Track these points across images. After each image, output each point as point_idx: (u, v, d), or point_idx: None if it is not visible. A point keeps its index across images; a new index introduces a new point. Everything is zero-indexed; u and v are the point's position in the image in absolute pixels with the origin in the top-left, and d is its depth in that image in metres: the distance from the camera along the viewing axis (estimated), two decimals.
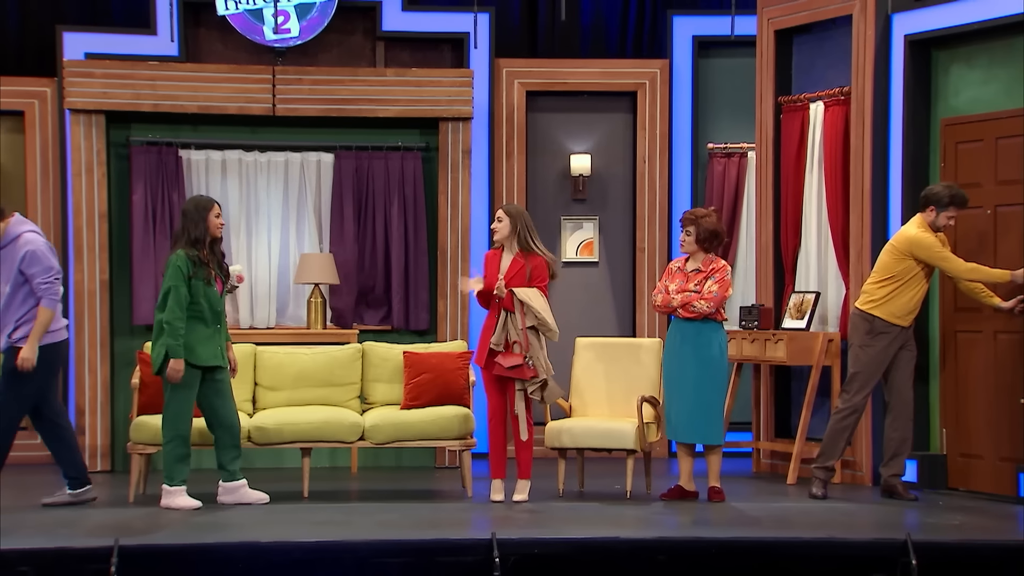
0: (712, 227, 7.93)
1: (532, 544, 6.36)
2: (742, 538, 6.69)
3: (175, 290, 7.53)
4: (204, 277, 7.61)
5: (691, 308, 7.85)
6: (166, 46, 9.94)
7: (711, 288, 7.86)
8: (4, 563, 5.98)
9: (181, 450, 7.61)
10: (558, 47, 10.71)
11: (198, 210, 7.70)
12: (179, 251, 7.61)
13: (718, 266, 7.94)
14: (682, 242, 8.02)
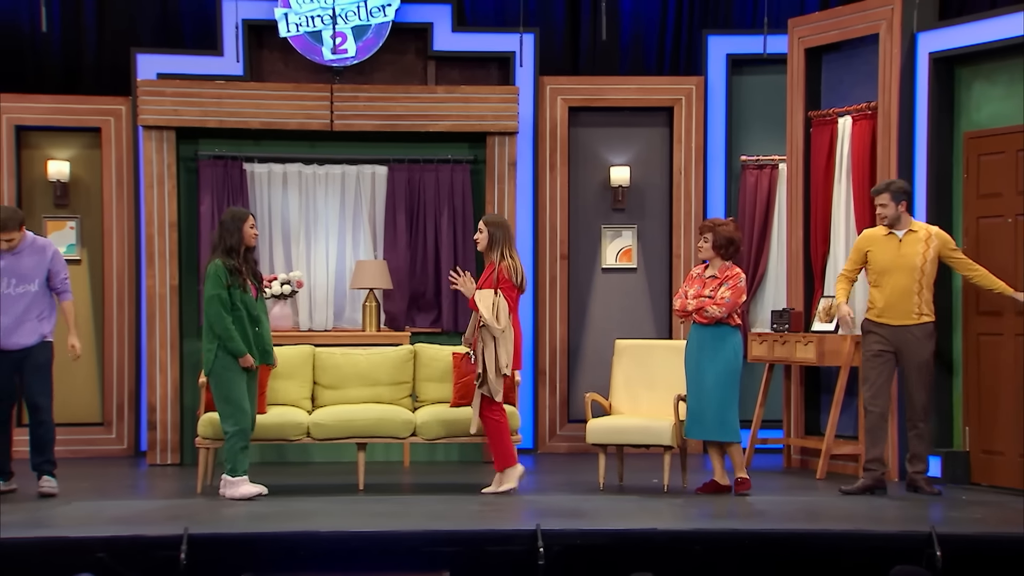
0: (729, 234, 7.88)
1: (575, 535, 6.35)
2: (774, 530, 6.65)
3: (217, 297, 7.60)
4: (240, 284, 7.67)
5: (704, 313, 7.81)
6: (232, 66, 10.02)
7: (724, 294, 7.81)
8: (83, 549, 6.03)
9: (243, 443, 7.67)
10: (599, 65, 10.70)
11: (234, 221, 7.75)
12: (216, 260, 7.68)
13: (732, 273, 7.89)
14: (699, 248, 7.98)
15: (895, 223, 7.94)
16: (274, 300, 9.81)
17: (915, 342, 7.88)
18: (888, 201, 7.90)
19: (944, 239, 7.94)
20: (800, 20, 9.58)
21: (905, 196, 7.95)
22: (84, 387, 10.01)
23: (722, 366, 7.81)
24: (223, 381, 7.63)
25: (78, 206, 10.06)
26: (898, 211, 7.91)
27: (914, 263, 7.86)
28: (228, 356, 7.62)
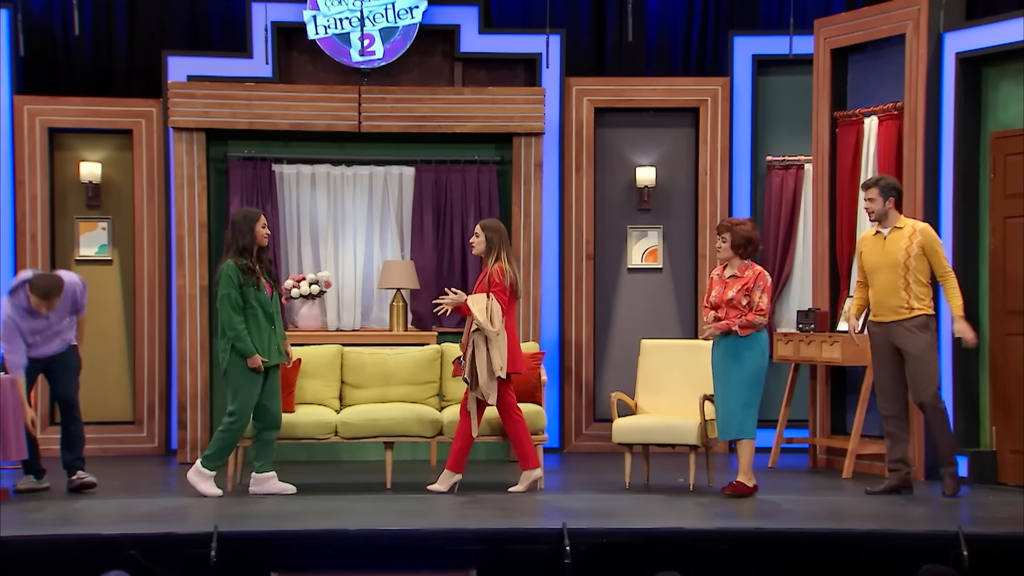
0: (747, 234, 7.81)
1: (601, 534, 6.35)
2: (800, 530, 6.64)
3: (228, 297, 7.65)
4: (253, 283, 7.71)
5: (755, 326, 7.73)
6: (261, 68, 10.07)
7: (762, 301, 7.74)
8: (115, 547, 6.08)
9: (230, 439, 7.72)
10: (625, 66, 10.69)
11: (246, 221, 7.80)
12: (228, 260, 7.73)
13: (757, 273, 7.80)
14: (718, 249, 7.91)
15: (882, 219, 7.84)
16: (302, 300, 9.85)
17: (908, 335, 7.75)
18: (876, 196, 7.82)
19: (929, 236, 7.78)
20: (826, 21, 9.55)
21: (894, 192, 7.85)
22: (115, 386, 10.08)
23: (750, 366, 7.75)
24: (235, 381, 7.71)
25: (110, 207, 10.13)
26: (885, 207, 7.81)
27: (897, 260, 7.76)
28: (242, 358, 7.67)
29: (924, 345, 7.75)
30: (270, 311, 7.79)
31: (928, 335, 7.78)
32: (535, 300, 10.02)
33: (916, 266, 7.74)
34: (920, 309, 7.75)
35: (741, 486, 7.76)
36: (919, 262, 7.74)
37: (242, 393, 7.69)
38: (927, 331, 7.78)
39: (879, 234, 7.87)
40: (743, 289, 7.76)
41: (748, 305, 7.74)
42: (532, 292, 10.02)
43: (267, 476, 7.83)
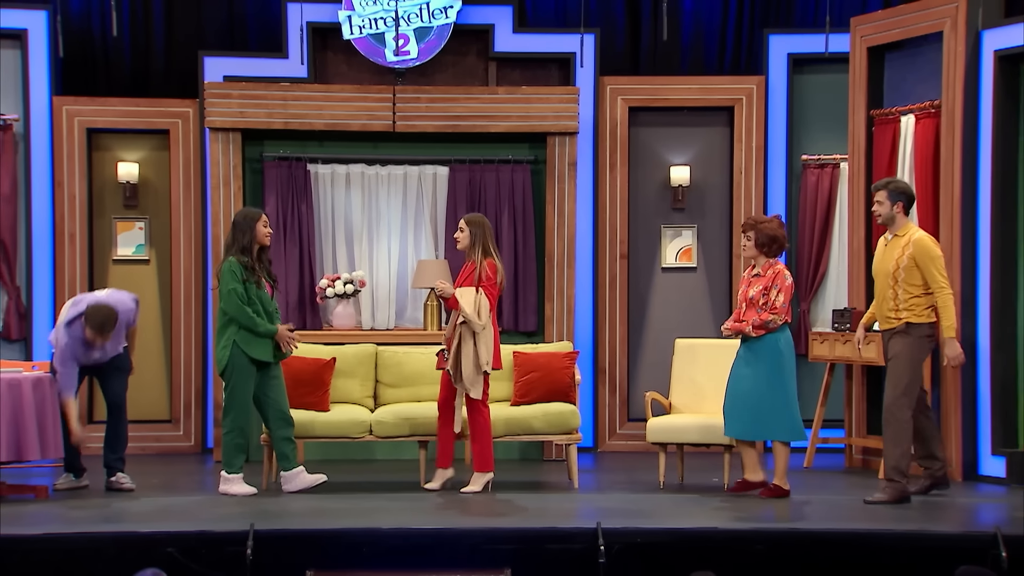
0: (772, 232, 7.75)
1: (635, 533, 6.34)
2: (836, 530, 6.61)
3: (235, 291, 7.70)
4: (255, 281, 7.76)
5: (769, 327, 7.68)
6: (296, 68, 10.10)
7: (778, 300, 7.69)
8: (152, 544, 6.13)
9: (240, 440, 7.76)
10: (659, 65, 10.66)
11: (247, 220, 7.85)
12: (231, 258, 7.78)
13: (776, 271, 7.75)
14: (743, 247, 7.87)
15: (889, 223, 7.68)
16: (337, 299, 9.88)
17: (891, 342, 7.61)
18: (884, 199, 7.66)
19: (921, 248, 7.53)
20: (862, 19, 9.48)
21: (903, 197, 7.64)
22: (152, 385, 10.15)
23: (775, 361, 7.68)
24: (233, 380, 7.75)
25: (147, 207, 10.20)
26: (892, 211, 7.63)
27: (888, 268, 7.61)
28: (241, 355, 7.71)
29: (899, 349, 7.56)
30: (270, 309, 7.86)
31: (907, 340, 7.54)
32: (569, 300, 10.01)
33: (905, 276, 7.54)
34: (906, 317, 7.56)
35: (779, 489, 7.73)
36: (908, 273, 7.53)
37: (240, 391, 7.74)
38: (907, 336, 7.55)
39: (885, 240, 7.75)
40: (763, 288, 7.73)
41: (765, 304, 7.70)
42: (566, 292, 10.01)
43: (295, 472, 7.86)
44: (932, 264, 7.51)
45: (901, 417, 7.50)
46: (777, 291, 7.70)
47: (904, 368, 7.52)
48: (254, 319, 7.71)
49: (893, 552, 6.30)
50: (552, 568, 6.23)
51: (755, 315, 7.70)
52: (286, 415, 7.88)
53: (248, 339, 7.72)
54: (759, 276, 7.80)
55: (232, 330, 7.73)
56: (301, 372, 8.30)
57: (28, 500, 7.57)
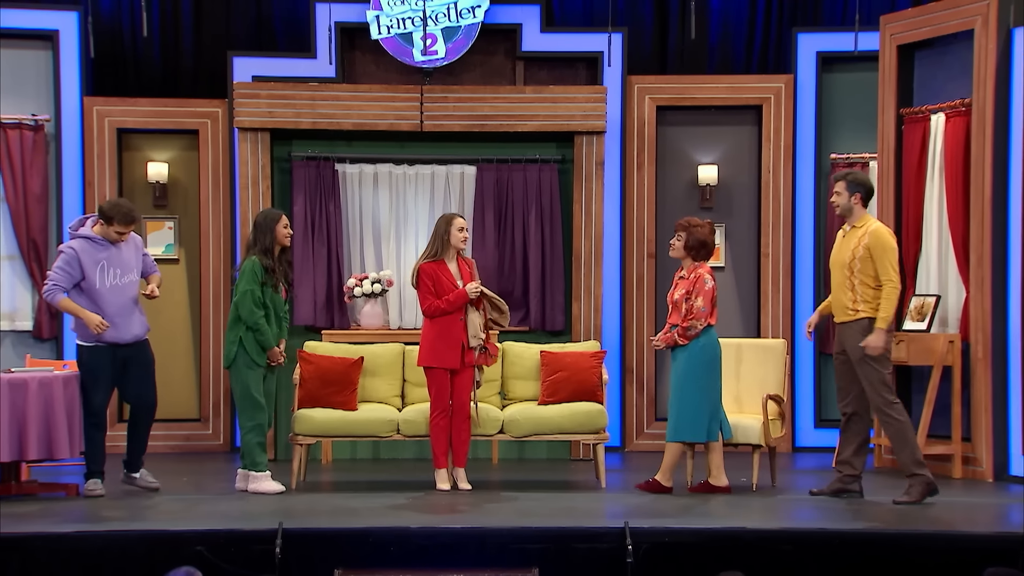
0: (702, 237, 7.82)
1: (663, 533, 6.34)
2: (864, 530, 6.57)
3: (251, 293, 7.74)
4: (272, 283, 7.81)
5: (690, 333, 7.74)
6: (324, 68, 10.14)
7: (698, 306, 7.74)
8: (182, 542, 6.16)
9: (260, 438, 7.81)
10: (687, 64, 10.64)
11: (267, 221, 7.89)
12: (253, 257, 7.82)
13: (698, 275, 7.80)
14: (671, 246, 7.92)
15: (847, 215, 7.64)
16: (365, 299, 9.91)
17: (851, 338, 7.56)
18: (843, 190, 7.62)
19: (876, 239, 7.47)
20: (892, 17, 9.43)
21: (861, 189, 7.58)
22: (181, 383, 10.20)
23: (697, 365, 7.75)
24: (242, 376, 7.79)
25: (176, 207, 10.26)
26: (850, 202, 7.58)
27: (844, 259, 7.58)
28: (247, 353, 7.76)
29: (863, 352, 7.49)
30: (280, 314, 7.91)
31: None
32: (596, 299, 10.01)
33: (861, 268, 7.50)
34: (864, 312, 7.52)
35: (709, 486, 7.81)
36: (864, 264, 7.49)
37: (250, 388, 7.79)
38: (868, 333, 7.48)
39: (843, 232, 7.72)
40: (686, 292, 7.80)
41: (689, 309, 7.77)
42: (593, 291, 10.01)
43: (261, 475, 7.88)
44: (885, 256, 7.46)
45: (894, 414, 7.47)
46: (696, 295, 7.75)
47: (878, 366, 7.49)
48: (261, 327, 7.76)
49: (922, 552, 6.27)
50: (580, 567, 6.23)
51: (676, 318, 7.78)
52: (269, 420, 7.97)
53: (254, 343, 7.80)
54: (684, 279, 7.87)
55: (241, 327, 7.80)
56: (329, 371, 8.33)
57: (59, 498, 7.63)
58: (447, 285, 7.90)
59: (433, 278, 7.91)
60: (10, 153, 9.90)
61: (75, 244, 7.71)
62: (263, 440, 7.83)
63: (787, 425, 8.63)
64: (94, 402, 7.69)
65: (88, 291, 7.67)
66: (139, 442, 7.88)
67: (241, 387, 7.80)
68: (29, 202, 9.92)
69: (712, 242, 7.91)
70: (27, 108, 9.99)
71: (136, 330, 7.81)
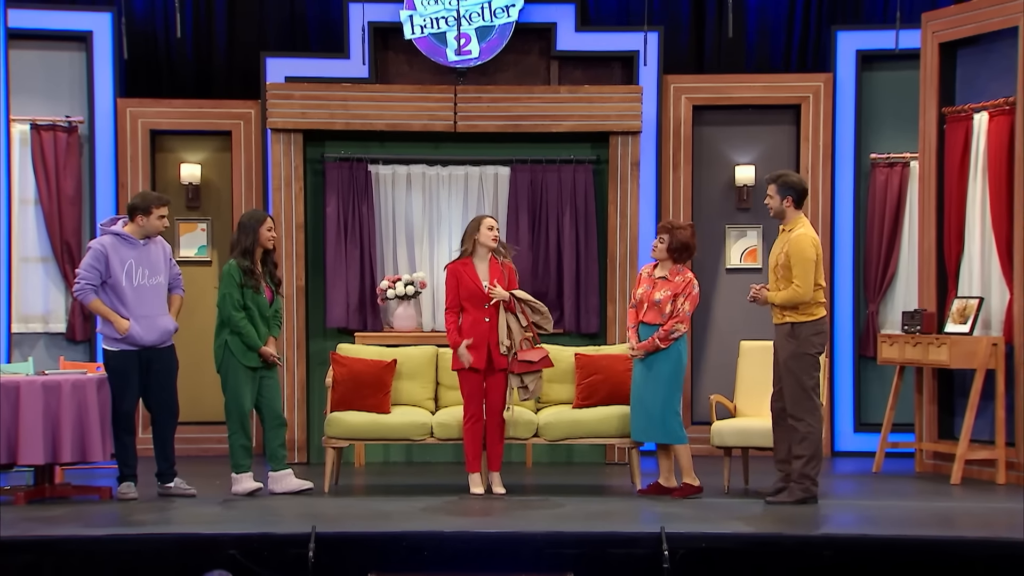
0: (685, 240, 7.83)
1: (700, 538, 6.31)
2: (906, 536, 6.52)
3: (229, 296, 7.82)
4: (253, 285, 7.85)
5: (671, 337, 7.74)
6: (358, 69, 10.17)
7: (684, 308, 7.77)
8: (215, 546, 6.19)
9: (243, 441, 7.87)
10: (724, 63, 10.60)
11: (251, 222, 7.95)
12: (231, 260, 7.89)
13: (686, 280, 7.82)
14: (654, 247, 7.91)
15: (779, 216, 7.68)
16: (398, 301, 9.92)
17: (778, 341, 7.62)
18: (774, 193, 7.66)
19: (796, 246, 7.51)
20: (934, 14, 9.36)
21: (792, 191, 7.60)
22: (213, 387, 10.16)
23: (667, 367, 7.75)
24: (228, 378, 7.87)
25: (209, 208, 10.32)
26: (782, 205, 7.62)
27: (772, 263, 7.68)
28: (233, 355, 7.82)
29: (787, 354, 7.53)
30: (266, 315, 7.94)
31: (793, 344, 7.52)
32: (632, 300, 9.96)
33: (783, 273, 7.56)
34: (790, 316, 7.55)
35: (688, 487, 7.82)
36: (785, 270, 7.56)
37: (236, 392, 7.86)
38: (792, 340, 7.52)
39: (780, 231, 7.77)
40: (672, 295, 7.78)
41: (672, 311, 7.74)
42: (628, 293, 9.97)
43: (284, 474, 7.93)
44: (799, 264, 7.51)
45: (809, 420, 7.50)
46: (684, 298, 7.78)
47: (799, 372, 7.51)
48: (242, 328, 7.81)
49: (965, 559, 6.21)
50: (615, 573, 6.22)
51: (658, 319, 7.76)
52: (280, 417, 8.03)
53: (240, 346, 7.85)
54: (666, 280, 7.86)
55: (226, 332, 7.86)
56: (362, 374, 8.35)
57: (92, 501, 7.68)
58: (469, 285, 7.90)
59: (456, 276, 7.92)
60: (44, 155, 9.98)
61: (105, 240, 7.77)
62: (247, 443, 7.89)
63: (826, 429, 8.57)
64: (123, 406, 7.73)
65: (114, 288, 7.72)
66: (166, 451, 7.90)
67: (228, 390, 7.88)
68: (62, 204, 10.00)
69: (694, 245, 7.92)
70: (61, 110, 10.07)
71: (161, 332, 7.84)
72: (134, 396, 7.82)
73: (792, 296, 7.52)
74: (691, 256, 7.94)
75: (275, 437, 7.97)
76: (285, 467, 7.96)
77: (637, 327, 7.88)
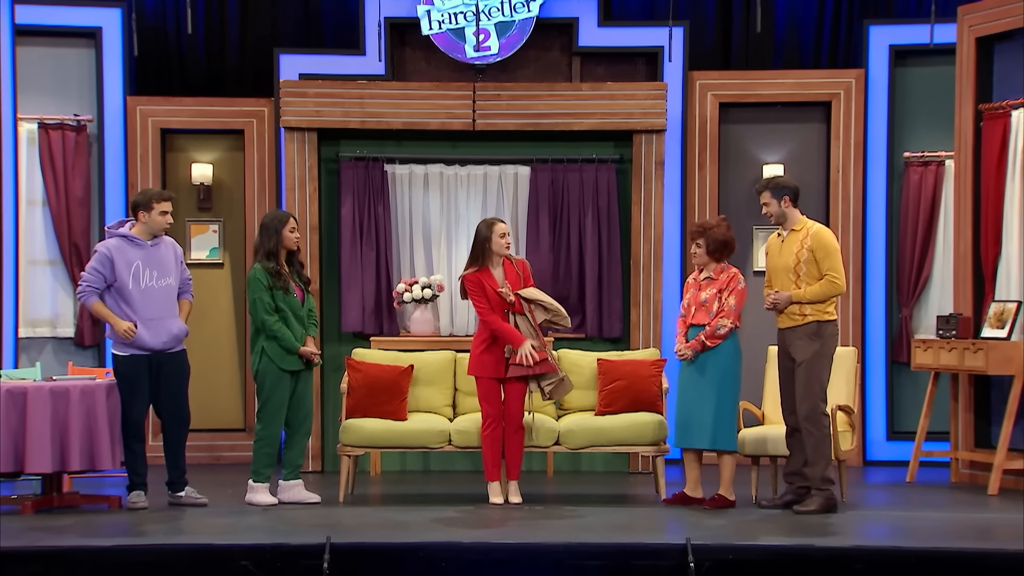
0: (722, 237, 7.79)
1: (727, 550, 6.29)
2: (942, 549, 6.47)
3: (260, 300, 7.82)
4: (282, 286, 7.84)
5: (718, 334, 7.68)
6: (374, 65, 10.18)
7: (729, 303, 7.71)
8: (227, 557, 6.19)
9: (269, 449, 7.86)
10: (752, 59, 10.57)
11: (274, 223, 7.96)
12: (256, 264, 7.89)
13: (730, 275, 7.78)
14: (693, 254, 7.89)
15: (781, 221, 7.72)
16: (414, 304, 9.92)
17: (798, 342, 7.60)
18: (769, 199, 7.71)
19: (819, 240, 7.57)
20: (971, 7, 9.31)
21: (787, 192, 7.67)
22: (226, 393, 10.27)
23: (717, 368, 7.69)
24: (265, 385, 7.85)
25: (221, 209, 10.34)
26: (781, 208, 7.68)
27: (788, 264, 7.63)
28: (272, 364, 7.81)
29: (810, 354, 7.54)
30: (299, 314, 7.93)
31: (817, 344, 7.55)
32: (656, 304, 9.95)
33: (807, 271, 7.57)
34: (812, 315, 7.57)
35: (723, 500, 7.75)
36: (809, 267, 7.57)
37: (273, 398, 7.84)
38: (817, 339, 7.55)
39: (780, 236, 7.77)
40: (717, 291, 7.75)
41: (718, 309, 7.71)
42: (652, 296, 9.96)
43: (294, 484, 7.93)
44: (829, 258, 7.56)
45: (821, 425, 7.53)
46: (729, 293, 7.73)
47: (818, 372, 7.54)
48: (278, 331, 7.81)
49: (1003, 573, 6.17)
50: None
51: (706, 318, 7.72)
52: (307, 426, 8.03)
53: (278, 350, 7.84)
54: (711, 280, 7.82)
55: (262, 338, 7.86)
56: (378, 379, 8.35)
57: (101, 511, 7.70)
58: (491, 294, 7.92)
59: (481, 286, 7.92)
60: (52, 154, 10.02)
61: (111, 243, 7.79)
62: (272, 451, 7.89)
63: (857, 437, 8.52)
64: (132, 413, 7.74)
65: (120, 291, 7.74)
66: (177, 459, 7.90)
67: (264, 396, 7.87)
68: (71, 205, 10.04)
69: (732, 239, 7.87)
70: (69, 108, 10.12)
71: (171, 337, 7.83)
72: (144, 402, 7.83)
73: (829, 289, 7.53)
74: (732, 251, 7.88)
75: (298, 445, 7.97)
76: (297, 477, 7.96)
77: (686, 333, 7.84)
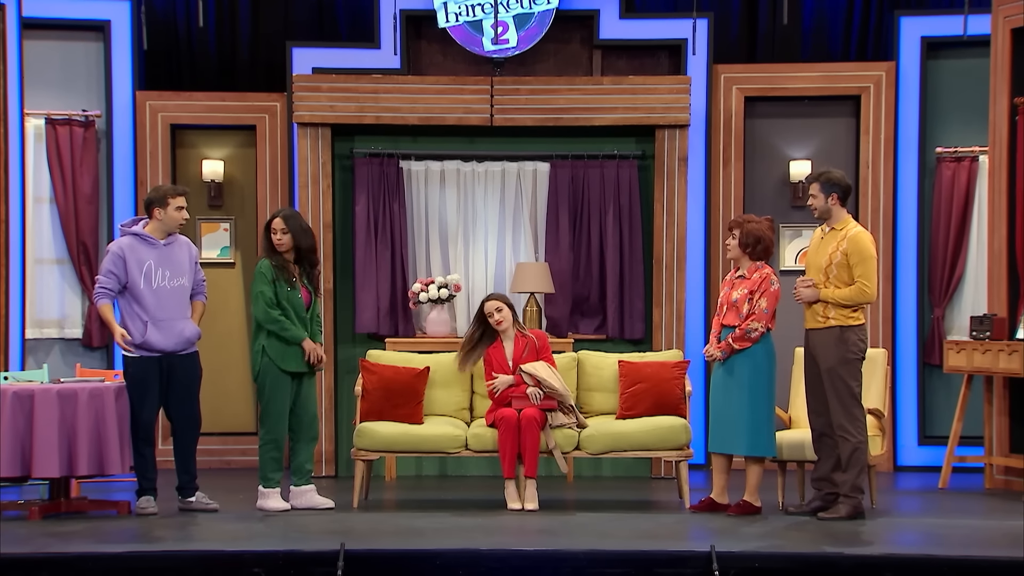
0: (758, 233, 7.76)
1: (753, 558, 6.29)
2: (975, 557, 6.46)
3: (262, 294, 7.85)
4: (286, 279, 7.87)
5: (749, 337, 7.66)
6: (389, 59, 10.21)
7: (761, 306, 7.69)
8: (240, 563, 6.22)
9: (275, 453, 7.89)
10: (778, 51, 10.57)
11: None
12: (263, 259, 7.94)
13: (763, 275, 7.74)
14: (726, 246, 7.89)
15: (826, 216, 7.68)
16: (431, 305, 9.95)
17: (821, 347, 7.58)
18: (817, 192, 7.67)
19: (856, 244, 7.52)
20: None
21: (837, 188, 7.62)
22: (237, 396, 10.31)
23: (747, 371, 7.68)
24: (266, 386, 7.87)
25: (232, 207, 10.38)
26: (828, 204, 7.63)
27: (820, 263, 7.60)
28: (273, 365, 7.83)
29: (834, 361, 7.51)
30: (302, 316, 7.94)
31: (841, 350, 7.51)
32: (679, 305, 9.96)
33: (837, 273, 7.53)
34: (835, 320, 7.54)
35: (748, 506, 7.74)
36: (840, 270, 7.53)
37: (274, 401, 7.87)
38: (841, 345, 7.51)
39: (823, 232, 7.75)
40: (748, 292, 7.73)
41: (749, 311, 7.69)
42: (676, 296, 9.97)
43: (306, 489, 7.96)
44: (864, 263, 7.52)
45: (855, 431, 7.51)
46: (761, 295, 7.70)
47: (847, 378, 7.52)
48: (280, 322, 7.83)
49: None
50: None
51: (736, 320, 7.70)
52: (313, 430, 8.03)
53: (278, 349, 7.85)
54: (743, 278, 7.81)
55: (263, 336, 7.88)
56: (393, 382, 8.38)
57: (110, 516, 7.74)
58: (499, 369, 8.16)
59: (489, 363, 8.20)
60: (59, 151, 10.08)
61: (123, 242, 7.84)
62: (278, 455, 7.91)
63: (888, 442, 8.51)
64: (142, 416, 7.78)
65: (131, 291, 7.78)
66: (188, 464, 7.92)
67: (265, 398, 7.89)
68: (79, 202, 10.10)
69: (770, 238, 7.85)
70: (77, 103, 10.18)
71: (183, 339, 7.85)
72: (154, 405, 7.86)
73: (858, 295, 7.50)
74: (768, 251, 7.86)
75: (304, 450, 8.00)
76: (308, 483, 8.00)
77: (719, 332, 7.84)
